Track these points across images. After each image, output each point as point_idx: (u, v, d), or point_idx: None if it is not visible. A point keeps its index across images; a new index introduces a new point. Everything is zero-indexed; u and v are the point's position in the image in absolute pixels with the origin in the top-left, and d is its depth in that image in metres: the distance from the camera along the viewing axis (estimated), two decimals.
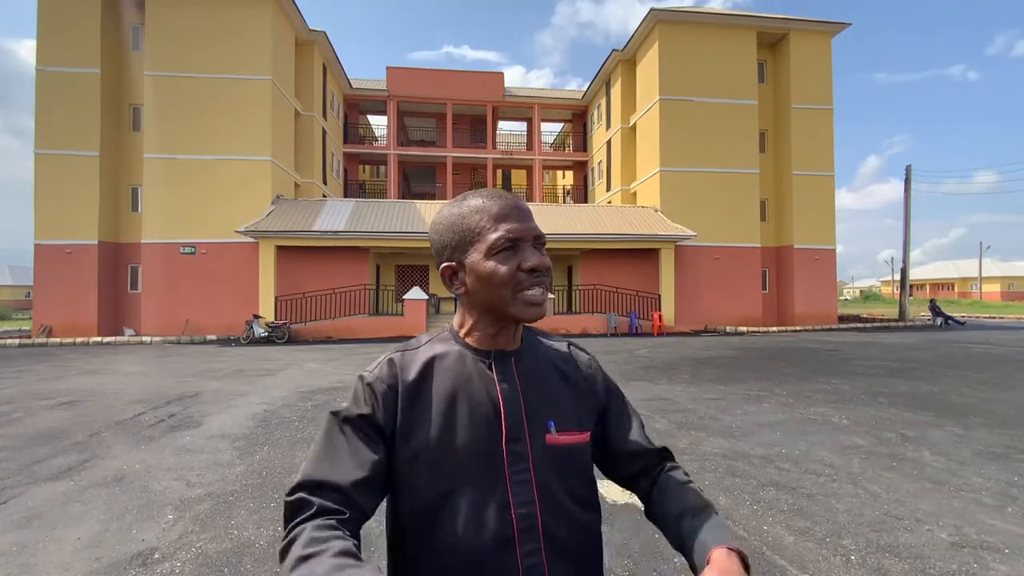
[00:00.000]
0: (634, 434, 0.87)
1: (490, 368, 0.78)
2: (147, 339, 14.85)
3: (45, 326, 15.84)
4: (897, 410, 5.71)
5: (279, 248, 15.98)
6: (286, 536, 0.63)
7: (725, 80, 19.18)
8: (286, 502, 0.68)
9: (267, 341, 14.59)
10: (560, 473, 0.76)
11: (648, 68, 19.93)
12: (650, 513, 0.84)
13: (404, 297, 16.16)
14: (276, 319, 15.42)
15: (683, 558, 0.74)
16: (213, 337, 15.39)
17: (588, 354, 0.91)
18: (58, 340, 14.63)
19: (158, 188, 16.02)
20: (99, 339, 14.85)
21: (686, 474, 0.85)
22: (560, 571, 0.73)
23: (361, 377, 0.77)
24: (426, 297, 16.37)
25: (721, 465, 3.98)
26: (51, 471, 3.91)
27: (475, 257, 0.75)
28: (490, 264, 0.74)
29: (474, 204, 0.77)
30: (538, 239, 0.77)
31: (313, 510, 0.65)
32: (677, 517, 0.76)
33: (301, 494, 0.67)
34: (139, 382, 8.05)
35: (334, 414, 0.75)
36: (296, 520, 0.64)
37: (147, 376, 8.72)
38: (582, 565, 0.77)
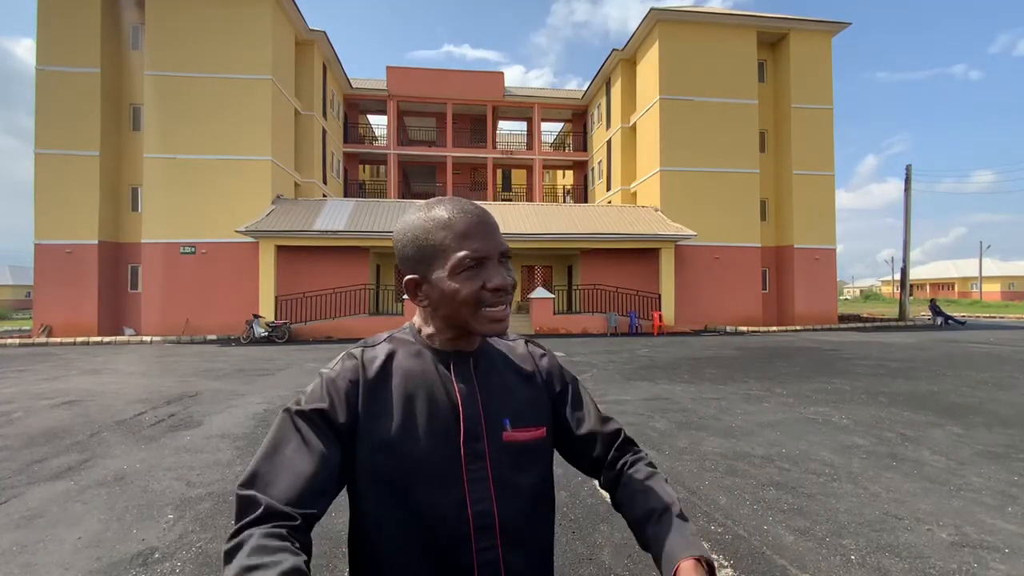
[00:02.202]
0: (588, 420, 0.88)
1: (449, 368, 0.79)
2: (147, 339, 14.86)
3: (45, 326, 15.85)
4: (897, 410, 5.71)
5: (279, 248, 15.98)
6: (233, 536, 0.61)
7: (725, 80, 19.18)
8: (237, 495, 0.65)
9: (267, 341, 14.59)
10: (517, 469, 0.78)
11: (648, 68, 19.93)
12: (616, 506, 0.86)
13: (404, 297, 16.17)
14: (276, 319, 15.42)
15: None
16: (213, 337, 15.39)
17: (544, 349, 0.93)
18: (58, 340, 14.64)
19: (158, 188, 16.02)
20: (99, 339, 14.85)
21: (650, 464, 0.86)
22: (516, 565, 0.74)
23: (321, 374, 0.77)
24: None
25: (721, 465, 3.98)
26: (51, 471, 3.91)
27: (439, 274, 0.75)
28: (454, 284, 0.73)
29: (439, 219, 0.75)
30: (503, 255, 0.77)
31: (260, 510, 0.62)
32: (642, 520, 0.77)
33: (251, 491, 0.65)
34: (139, 382, 8.05)
35: (287, 410, 0.73)
36: (244, 520, 0.62)
37: (147, 376, 8.72)
38: (537, 557, 0.79)
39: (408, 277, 0.79)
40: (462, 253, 0.73)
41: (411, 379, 0.77)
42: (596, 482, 0.93)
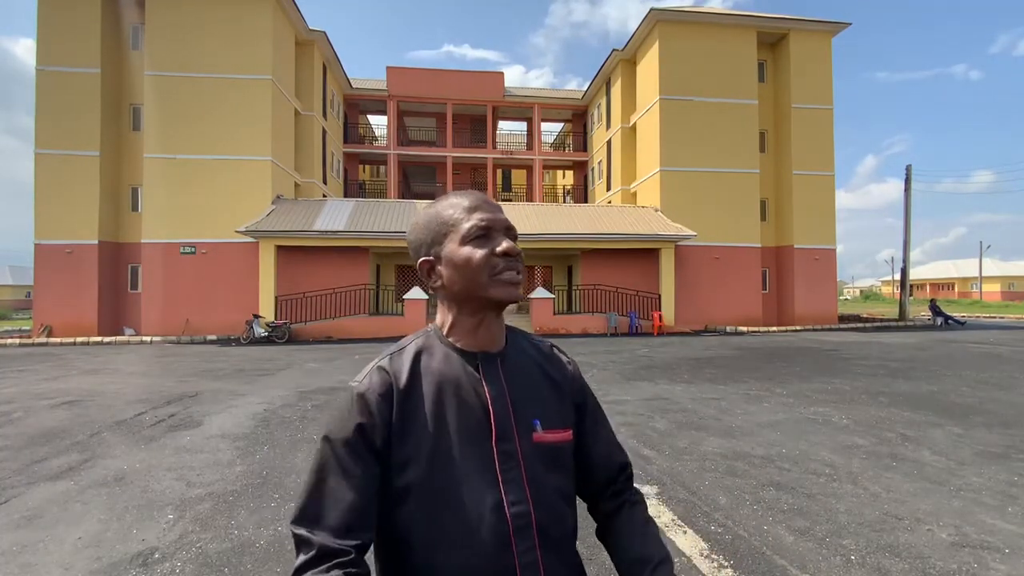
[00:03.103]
0: (605, 442, 0.90)
1: (477, 369, 0.79)
2: (147, 339, 14.86)
3: (45, 326, 15.85)
4: (897, 410, 5.71)
5: (279, 248, 15.98)
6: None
7: (725, 80, 19.18)
8: (292, 532, 0.70)
9: (267, 341, 14.59)
10: (548, 470, 0.78)
11: (648, 68, 19.93)
12: (604, 537, 0.88)
13: (404, 297, 16.16)
14: (276, 319, 15.41)
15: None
16: (213, 337, 15.39)
17: (568, 357, 0.93)
18: (58, 340, 14.64)
19: (158, 188, 16.02)
20: (99, 339, 14.84)
21: (646, 509, 0.89)
22: (553, 566, 0.75)
23: (351, 388, 0.76)
24: (426, 297, 16.35)
25: (721, 465, 3.98)
26: (51, 471, 3.91)
27: (451, 247, 0.78)
28: (466, 250, 0.77)
29: (447, 202, 0.82)
30: (509, 230, 0.81)
31: (314, 552, 0.66)
32: (637, 563, 0.80)
33: (301, 530, 0.68)
34: (139, 382, 8.06)
35: (326, 439, 0.74)
36: (301, 560, 0.67)
37: (147, 376, 8.72)
38: (568, 558, 0.80)
39: (422, 260, 0.82)
40: (471, 222, 0.78)
41: (440, 383, 0.77)
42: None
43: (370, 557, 0.71)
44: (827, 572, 2.43)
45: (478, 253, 0.76)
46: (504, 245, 0.77)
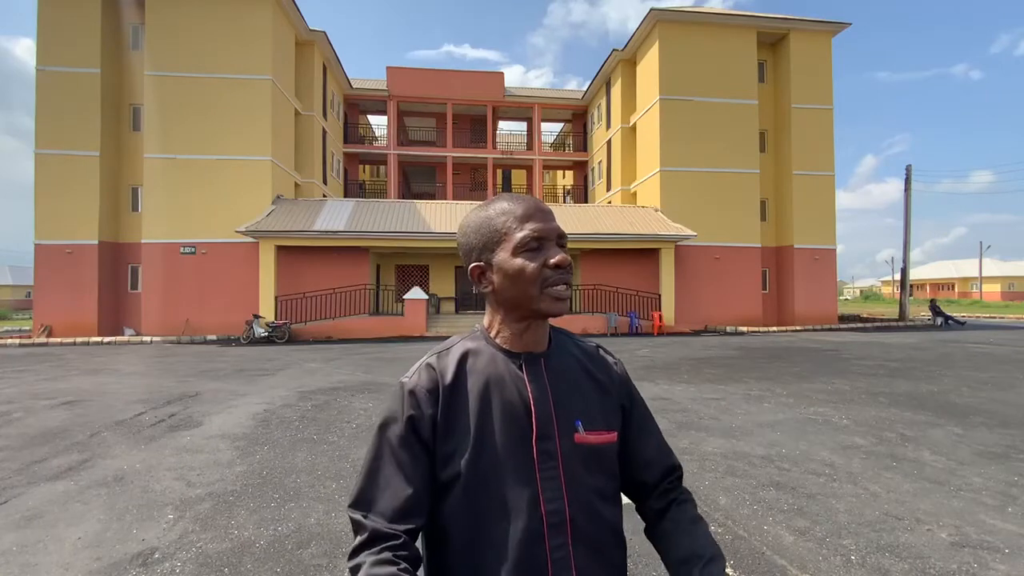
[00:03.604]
0: (654, 443, 0.91)
1: (521, 369, 0.81)
2: (147, 339, 14.86)
3: (45, 326, 15.85)
4: (897, 410, 5.71)
5: (279, 248, 15.98)
6: (350, 558, 0.71)
7: (725, 80, 19.18)
8: (349, 515, 0.75)
9: (267, 341, 14.59)
10: (588, 471, 0.79)
11: (648, 68, 19.93)
12: (652, 536, 0.88)
13: (404, 297, 16.17)
14: (276, 319, 15.42)
15: None
16: (213, 337, 15.39)
17: (615, 358, 0.94)
18: (58, 340, 14.63)
19: (158, 188, 16.02)
20: (99, 339, 14.84)
21: (696, 508, 0.88)
22: (587, 565, 0.76)
23: (402, 384, 0.80)
24: (426, 297, 16.37)
25: (721, 465, 3.98)
26: (51, 471, 3.91)
27: (502, 256, 0.79)
28: (517, 261, 0.78)
29: (500, 207, 0.82)
30: (561, 238, 0.81)
31: (367, 534, 0.71)
32: (686, 561, 0.79)
33: (357, 514, 0.73)
34: (139, 382, 8.06)
35: (381, 426, 0.78)
36: (355, 543, 0.72)
37: (147, 376, 8.72)
38: (607, 560, 0.80)
39: (473, 265, 0.83)
40: (524, 232, 0.78)
41: (485, 381, 0.79)
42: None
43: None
44: (827, 572, 2.43)
45: (530, 265, 0.77)
46: (556, 257, 0.78)
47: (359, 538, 0.71)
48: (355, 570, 0.68)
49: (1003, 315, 27.45)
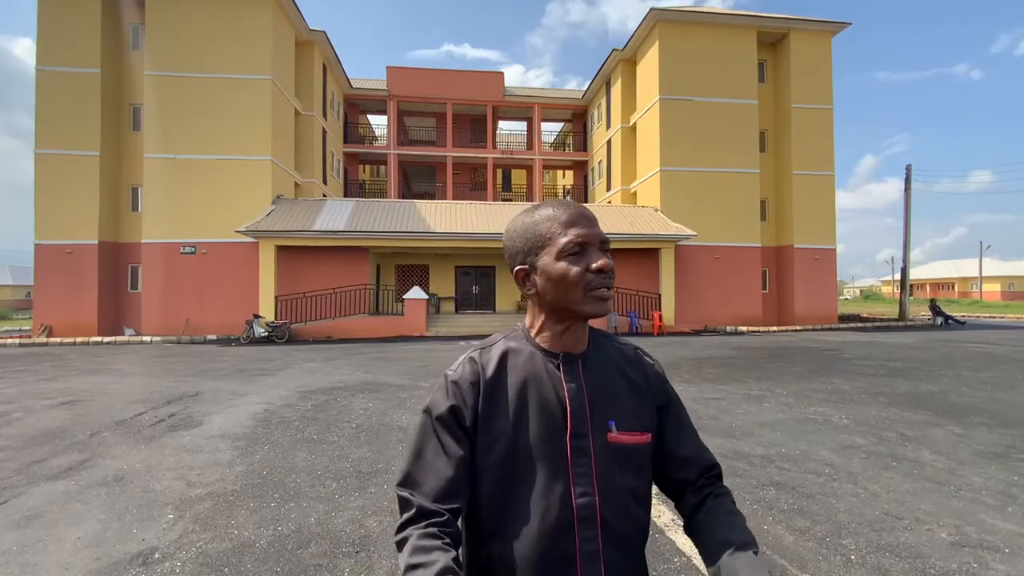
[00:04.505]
0: (691, 442, 0.92)
1: (558, 368, 0.84)
2: (147, 339, 14.86)
3: (45, 326, 15.85)
4: (897, 410, 5.71)
5: (279, 248, 15.98)
6: (398, 532, 0.75)
7: (725, 80, 19.18)
8: (397, 494, 0.80)
9: (267, 341, 14.59)
10: (620, 470, 0.82)
11: (648, 68, 19.93)
12: (691, 531, 0.89)
13: (404, 297, 16.17)
14: (276, 319, 15.42)
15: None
16: (213, 337, 15.39)
17: (653, 359, 0.96)
18: (58, 340, 14.64)
19: (158, 188, 16.03)
20: (99, 339, 14.85)
21: (733, 502, 0.89)
22: (614, 558, 0.79)
23: (446, 375, 0.85)
24: (426, 297, 16.37)
25: (721, 464, 3.97)
26: (51, 471, 3.91)
27: (546, 260, 0.82)
28: (561, 265, 0.81)
29: (545, 213, 0.85)
30: (603, 243, 0.85)
31: (414, 511, 0.75)
32: (721, 546, 0.80)
33: (404, 492, 0.78)
34: (139, 382, 8.06)
35: (427, 412, 0.83)
36: (404, 518, 0.76)
37: (147, 376, 8.72)
38: (633, 555, 0.83)
39: (518, 267, 0.86)
40: (567, 238, 0.81)
41: (523, 377, 0.83)
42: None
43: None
44: (827, 572, 2.43)
45: (573, 270, 0.80)
46: (599, 262, 0.81)
47: (406, 514, 0.76)
48: (402, 543, 0.73)
49: (1003, 315, 27.45)
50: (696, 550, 0.83)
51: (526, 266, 0.85)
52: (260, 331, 14.57)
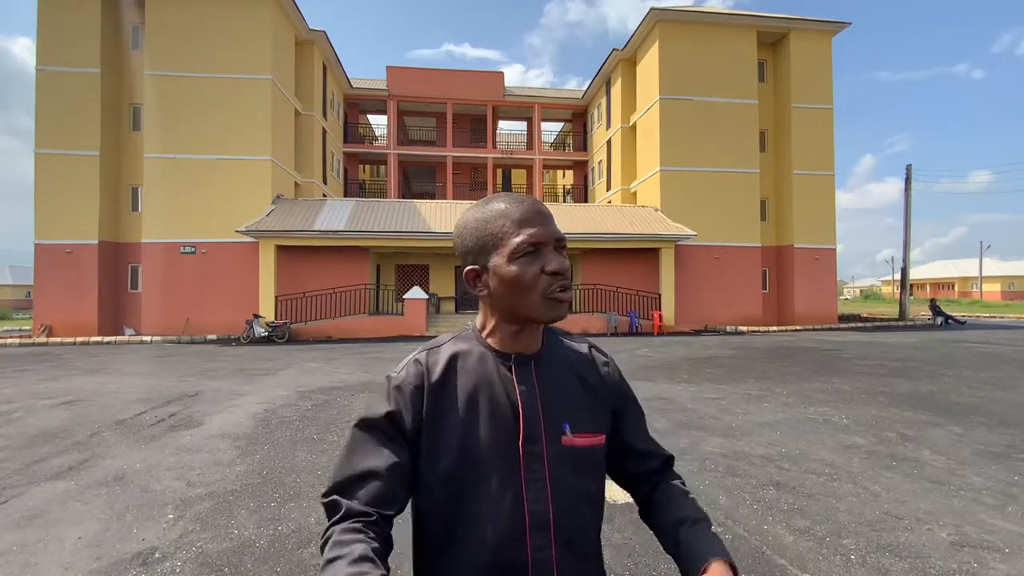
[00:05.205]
0: (646, 436, 0.92)
1: (510, 370, 0.80)
2: (147, 339, 14.86)
3: (45, 326, 15.85)
4: (897, 409, 5.71)
5: (279, 248, 15.98)
6: (323, 536, 0.70)
7: (725, 79, 19.17)
8: (322, 503, 0.74)
9: (267, 341, 14.59)
10: (574, 473, 0.79)
11: (648, 67, 19.92)
12: (647, 516, 0.89)
13: (404, 297, 16.17)
14: (276, 319, 15.42)
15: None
16: (213, 337, 15.39)
17: (607, 356, 0.93)
18: (58, 340, 14.63)
19: (158, 188, 16.02)
20: (99, 339, 14.84)
21: (685, 484, 0.90)
22: (568, 565, 0.76)
23: (389, 378, 0.80)
24: (426, 297, 16.37)
25: (721, 465, 3.98)
26: (51, 470, 3.91)
27: (498, 261, 0.77)
28: (513, 268, 0.76)
29: (496, 209, 0.79)
30: (559, 242, 0.79)
31: (342, 512, 0.70)
32: (676, 524, 0.81)
33: (333, 496, 0.73)
34: (139, 381, 8.05)
35: (362, 421, 0.78)
36: (330, 522, 0.71)
37: (147, 376, 8.72)
38: (587, 559, 0.81)
39: (468, 268, 0.81)
40: (520, 238, 0.76)
41: (473, 381, 0.79)
42: (617, 487, 0.95)
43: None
44: (827, 572, 2.43)
45: (527, 273, 0.76)
46: (553, 264, 0.76)
47: (333, 518, 0.71)
48: (323, 546, 0.67)
49: (1003, 315, 27.44)
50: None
51: (477, 267, 0.80)
52: (260, 331, 14.57)
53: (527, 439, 0.77)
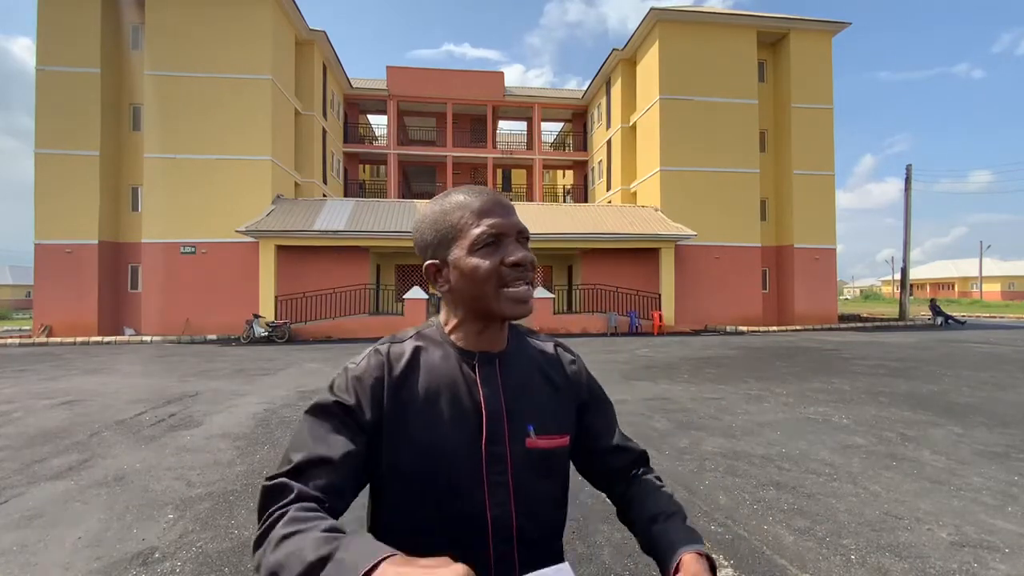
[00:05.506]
0: (615, 433, 0.90)
1: (474, 370, 0.77)
2: (147, 339, 14.86)
3: (45, 326, 15.85)
4: (897, 409, 5.71)
5: (279, 248, 15.98)
6: (263, 522, 0.60)
7: (725, 79, 19.17)
8: (263, 487, 0.65)
9: (267, 341, 14.59)
10: (538, 475, 0.77)
11: (648, 67, 19.93)
12: (623, 516, 0.87)
13: (404, 296, 16.16)
14: (276, 319, 15.42)
15: None
16: (213, 337, 15.39)
17: (573, 354, 0.91)
18: (58, 340, 14.63)
19: (158, 188, 16.02)
20: (99, 339, 14.84)
21: (659, 479, 0.88)
22: (529, 565, 0.74)
23: (347, 368, 0.75)
24: (426, 296, 16.36)
25: (721, 465, 3.98)
26: (51, 470, 3.91)
27: (458, 253, 0.75)
28: (473, 260, 0.73)
29: (455, 200, 0.77)
30: (521, 234, 0.77)
31: (293, 495, 0.62)
32: (650, 520, 0.79)
33: (282, 479, 0.65)
34: (139, 381, 8.05)
35: (318, 407, 0.72)
36: (276, 505, 0.62)
37: (147, 375, 8.72)
38: (548, 557, 0.79)
39: (428, 263, 0.78)
40: (480, 229, 0.73)
41: (436, 379, 0.76)
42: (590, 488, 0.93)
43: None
44: (827, 572, 2.43)
45: (486, 263, 0.73)
46: (515, 256, 0.74)
47: (279, 502, 0.62)
48: (270, 526, 0.58)
49: (1003, 315, 27.44)
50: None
51: (437, 260, 0.77)
52: (260, 331, 14.57)
53: (490, 440, 0.74)
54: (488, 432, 0.74)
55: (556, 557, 0.82)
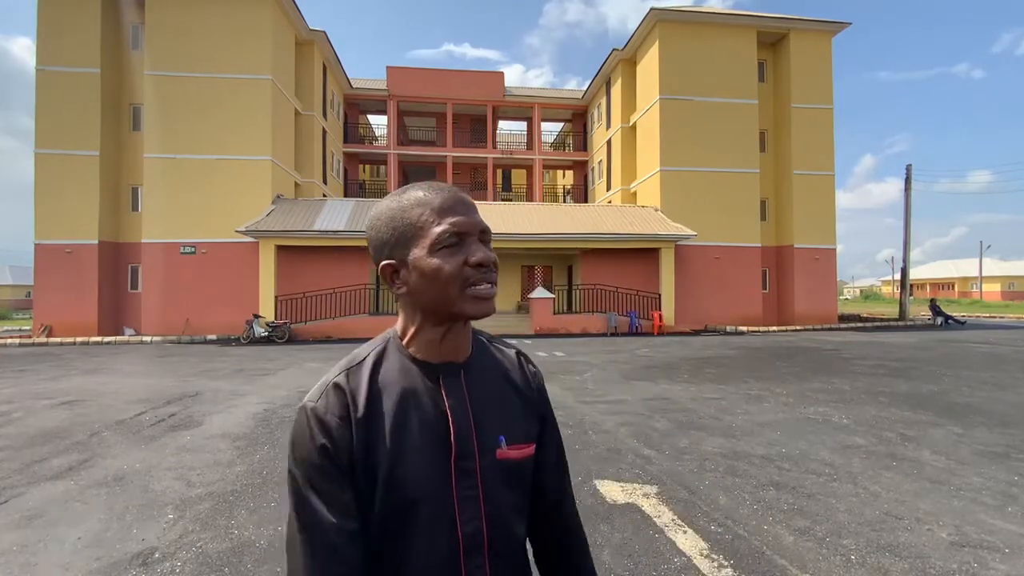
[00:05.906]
0: (554, 468, 0.86)
1: (438, 382, 0.74)
2: (147, 339, 14.86)
3: (45, 326, 15.85)
4: (897, 410, 5.71)
5: (279, 248, 15.99)
6: None
7: (725, 79, 19.18)
8: None
9: (267, 341, 14.59)
10: (507, 487, 0.75)
11: (648, 68, 19.93)
12: (541, 559, 0.87)
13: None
14: (276, 319, 15.42)
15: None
16: (213, 337, 15.39)
17: (536, 367, 0.89)
18: (58, 340, 14.64)
19: (158, 188, 16.03)
20: (99, 339, 14.85)
21: (591, 561, 0.88)
22: None
23: (307, 409, 0.70)
24: None
25: (721, 465, 3.98)
26: (51, 471, 3.91)
27: (418, 253, 0.70)
28: (435, 260, 0.69)
29: (415, 197, 0.73)
30: (484, 233, 0.74)
31: None
32: None
33: None
34: (139, 382, 8.06)
35: (298, 469, 0.69)
36: None
37: (147, 376, 8.72)
38: (517, 567, 0.78)
39: (384, 263, 0.73)
40: (441, 227, 0.70)
41: (399, 398, 0.72)
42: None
43: None
44: (827, 572, 2.43)
45: (449, 264, 0.69)
46: (478, 255, 0.70)
47: None
48: None
49: (1003, 315, 27.44)
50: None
51: (394, 260, 0.72)
52: (260, 331, 14.57)
53: (459, 455, 0.71)
54: (457, 447, 0.71)
55: (524, 566, 0.80)
